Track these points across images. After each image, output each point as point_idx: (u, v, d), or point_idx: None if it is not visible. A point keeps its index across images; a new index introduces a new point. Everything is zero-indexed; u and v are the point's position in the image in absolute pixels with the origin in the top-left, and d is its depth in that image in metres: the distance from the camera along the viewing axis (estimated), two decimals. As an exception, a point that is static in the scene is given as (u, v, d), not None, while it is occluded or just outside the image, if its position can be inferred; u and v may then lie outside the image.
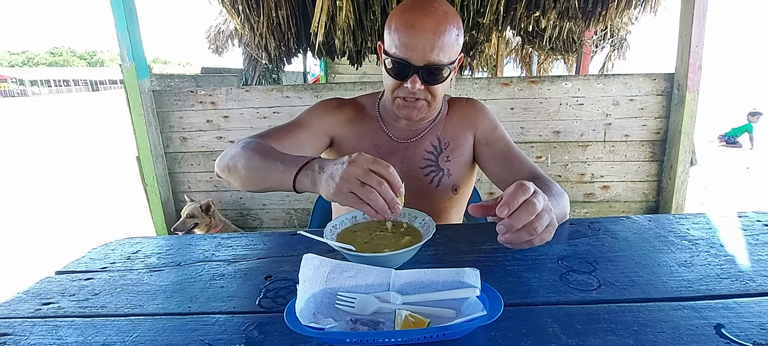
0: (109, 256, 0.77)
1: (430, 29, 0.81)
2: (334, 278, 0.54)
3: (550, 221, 0.60)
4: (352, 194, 0.60)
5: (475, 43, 4.75)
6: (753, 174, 5.15)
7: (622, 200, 2.80)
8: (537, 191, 0.60)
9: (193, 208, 2.56)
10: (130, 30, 2.48)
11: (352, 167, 0.60)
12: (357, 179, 0.59)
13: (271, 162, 0.78)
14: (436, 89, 0.89)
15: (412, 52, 0.83)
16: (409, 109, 0.91)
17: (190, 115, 2.78)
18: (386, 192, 0.59)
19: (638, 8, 2.92)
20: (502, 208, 0.57)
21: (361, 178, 0.59)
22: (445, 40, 0.83)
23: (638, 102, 2.59)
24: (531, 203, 0.57)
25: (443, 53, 0.84)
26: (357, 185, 0.59)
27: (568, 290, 0.56)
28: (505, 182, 0.98)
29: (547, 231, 0.60)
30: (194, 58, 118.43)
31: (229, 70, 9.98)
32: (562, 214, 0.77)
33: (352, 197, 0.60)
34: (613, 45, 5.65)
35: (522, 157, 0.97)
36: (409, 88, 0.86)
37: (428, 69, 0.84)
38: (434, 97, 0.90)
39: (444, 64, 0.85)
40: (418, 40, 0.82)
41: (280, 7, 3.06)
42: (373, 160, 0.61)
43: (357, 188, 0.59)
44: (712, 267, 0.60)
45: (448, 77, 0.89)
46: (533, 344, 0.45)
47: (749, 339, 0.44)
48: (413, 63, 0.84)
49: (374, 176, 0.59)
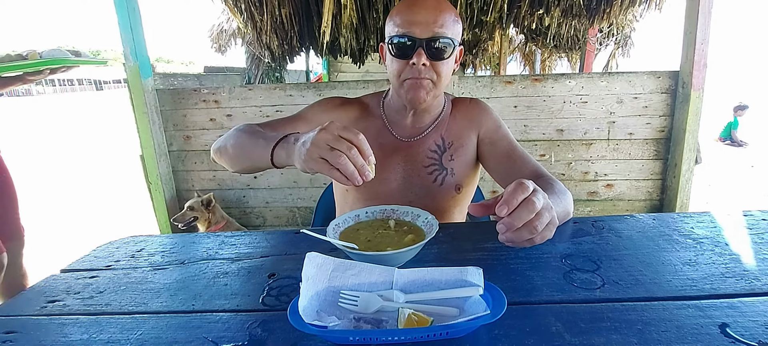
0: (113, 254, 0.77)
1: (431, 5, 0.85)
2: (338, 276, 0.54)
3: (550, 219, 0.59)
4: (323, 159, 0.61)
5: (479, 41, 4.74)
6: (758, 172, 5.11)
7: (626, 198, 2.79)
8: (536, 189, 0.59)
9: (194, 201, 2.57)
10: (133, 29, 2.49)
11: (323, 133, 0.62)
12: (327, 144, 0.61)
13: (254, 140, 0.82)
14: (440, 68, 0.89)
15: (416, 26, 0.85)
16: (415, 91, 0.90)
17: (194, 114, 2.79)
18: (355, 157, 0.60)
19: (643, 5, 2.90)
20: (501, 206, 0.57)
21: (331, 143, 0.60)
22: (446, 16, 0.86)
23: (642, 100, 2.58)
24: (530, 202, 0.57)
25: (446, 28, 0.86)
26: (327, 149, 0.60)
27: (571, 288, 0.56)
28: (508, 182, 0.96)
29: (548, 229, 0.60)
30: (197, 57, 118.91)
31: (232, 68, 10.01)
32: (565, 212, 0.77)
33: (322, 162, 0.61)
34: (617, 42, 5.61)
35: (525, 157, 0.97)
36: (415, 64, 0.87)
37: (433, 42, 0.86)
38: (439, 76, 0.90)
39: (448, 38, 0.86)
40: (421, 16, 0.85)
41: (283, 6, 3.06)
42: (343, 127, 0.62)
43: (327, 152, 0.60)
44: (717, 266, 0.60)
45: (452, 58, 0.90)
46: (537, 343, 0.45)
47: (754, 338, 0.44)
48: (418, 36, 0.85)
49: (344, 142, 0.60)
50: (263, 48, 3.51)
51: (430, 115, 1.03)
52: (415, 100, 0.92)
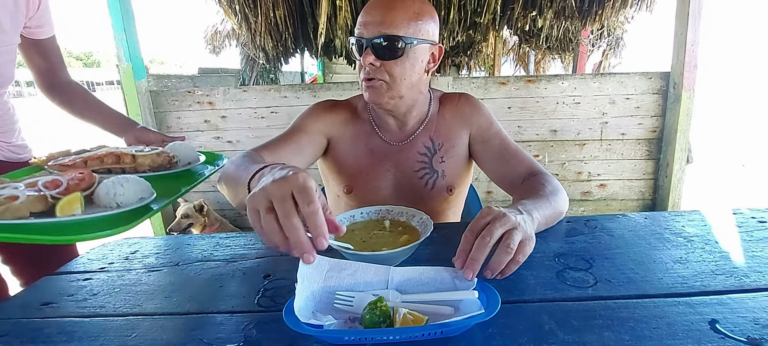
0: (107, 256, 0.77)
1: (383, 4, 0.84)
2: (333, 277, 0.55)
3: (521, 238, 0.56)
4: (256, 214, 0.47)
5: (473, 43, 4.75)
6: (748, 172, 5.18)
7: (619, 198, 2.82)
8: (494, 219, 0.56)
9: (187, 208, 2.56)
10: (126, 31, 2.48)
11: (272, 186, 0.47)
12: (270, 199, 0.46)
13: (238, 173, 0.70)
14: (392, 68, 0.86)
15: (365, 27, 0.85)
16: (370, 91, 0.89)
17: (188, 116, 2.78)
18: (291, 230, 0.45)
19: (634, 7, 2.94)
20: (457, 260, 0.54)
21: (276, 200, 0.46)
22: (397, 14, 0.83)
23: (634, 100, 2.61)
24: (483, 239, 0.54)
25: (396, 27, 0.83)
26: (264, 206, 0.46)
27: (564, 287, 0.57)
28: (503, 180, 0.97)
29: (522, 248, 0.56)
30: (191, 59, 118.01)
31: (226, 70, 9.96)
32: (556, 213, 0.77)
33: (254, 218, 0.47)
34: (610, 44, 5.67)
35: (519, 154, 0.95)
36: (362, 64, 0.86)
37: (379, 41, 0.83)
38: (392, 77, 0.87)
39: (397, 37, 0.83)
40: (371, 16, 0.84)
41: (278, 7, 3.06)
42: (303, 187, 0.46)
43: (263, 209, 0.46)
44: (707, 264, 0.61)
45: (407, 57, 0.86)
46: (530, 341, 0.45)
47: (743, 334, 0.45)
48: (365, 37, 0.84)
49: (289, 206, 0.45)
50: (258, 49, 3.50)
51: (414, 115, 0.99)
52: (373, 101, 0.91)
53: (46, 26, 1.11)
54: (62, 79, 1.20)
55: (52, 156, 0.88)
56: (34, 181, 0.63)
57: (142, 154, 0.86)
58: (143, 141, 1.06)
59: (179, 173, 0.90)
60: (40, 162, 0.88)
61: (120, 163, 0.84)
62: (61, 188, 0.63)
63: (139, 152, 0.86)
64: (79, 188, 0.64)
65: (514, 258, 0.55)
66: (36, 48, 1.12)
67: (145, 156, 0.86)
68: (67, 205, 0.60)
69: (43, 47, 1.14)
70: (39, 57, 1.14)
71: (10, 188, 0.60)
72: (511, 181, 0.94)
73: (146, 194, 0.67)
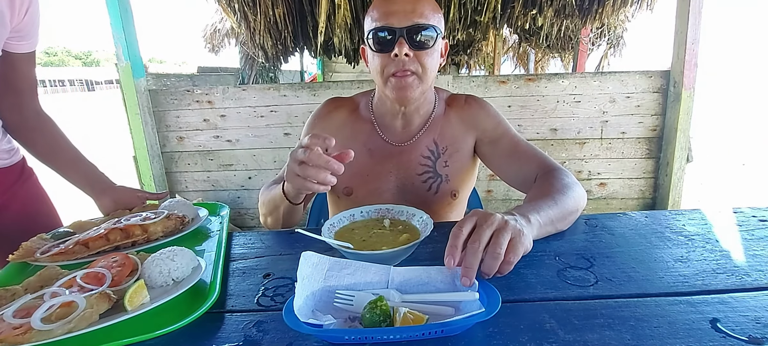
0: (106, 255, 0.76)
1: None
2: (333, 276, 0.54)
3: (511, 236, 0.55)
4: (297, 175, 0.68)
5: (473, 42, 4.75)
6: (749, 170, 5.18)
7: (619, 196, 2.82)
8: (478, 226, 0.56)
9: None
10: (125, 29, 2.47)
11: (293, 152, 0.69)
12: (296, 159, 0.67)
13: (269, 191, 0.90)
14: (425, 59, 0.83)
15: (394, 16, 0.81)
16: (401, 87, 0.84)
17: (187, 115, 2.77)
18: (316, 158, 0.65)
19: (634, 6, 2.93)
20: (446, 258, 0.53)
21: (299, 156, 0.67)
22: (425, 4, 0.82)
23: (635, 99, 2.60)
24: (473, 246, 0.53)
25: (426, 17, 0.81)
26: (296, 164, 0.67)
27: (565, 286, 0.57)
28: (515, 179, 0.94)
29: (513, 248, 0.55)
30: (190, 58, 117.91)
31: (225, 69, 9.95)
32: (565, 211, 0.73)
33: (297, 179, 0.68)
34: (610, 43, 5.66)
35: (530, 150, 0.92)
36: (397, 55, 0.81)
37: (414, 30, 0.81)
38: (425, 69, 0.84)
39: (430, 26, 0.81)
40: (399, 5, 0.81)
41: (277, 6, 3.05)
42: (307, 136, 0.68)
43: (297, 167, 0.67)
44: (708, 262, 0.61)
45: (436, 48, 0.85)
46: (531, 340, 0.45)
47: (744, 333, 0.44)
48: (397, 26, 0.80)
49: (306, 150, 0.66)
50: (257, 48, 3.49)
51: (421, 114, 0.97)
52: (402, 98, 0.86)
53: (28, 38, 0.89)
54: (31, 109, 0.96)
55: (30, 249, 0.72)
56: (71, 280, 0.56)
57: (152, 222, 0.77)
58: (124, 205, 0.92)
59: (194, 231, 0.82)
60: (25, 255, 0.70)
61: (130, 237, 0.74)
62: (108, 282, 0.56)
63: (146, 222, 0.77)
64: (125, 275, 0.58)
65: (506, 259, 0.54)
66: (8, 63, 0.88)
67: (156, 224, 0.78)
68: (135, 296, 0.53)
69: (19, 63, 0.89)
70: (10, 75, 0.90)
71: (48, 295, 0.52)
72: (524, 180, 0.92)
73: (194, 261, 0.62)
